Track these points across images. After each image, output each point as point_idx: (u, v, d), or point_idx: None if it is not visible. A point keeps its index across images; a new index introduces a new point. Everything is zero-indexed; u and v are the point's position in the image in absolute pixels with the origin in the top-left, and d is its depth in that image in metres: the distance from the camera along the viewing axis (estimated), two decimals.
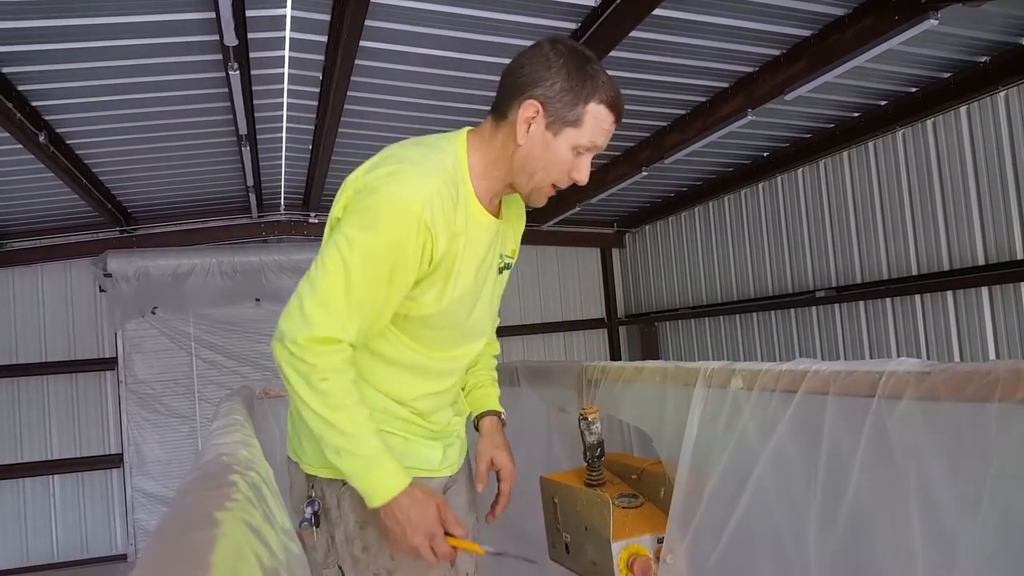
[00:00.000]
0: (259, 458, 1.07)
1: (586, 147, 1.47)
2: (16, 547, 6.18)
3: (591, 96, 1.43)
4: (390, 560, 1.55)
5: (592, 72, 1.43)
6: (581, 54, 1.45)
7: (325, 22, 3.45)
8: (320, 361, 1.38)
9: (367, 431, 1.41)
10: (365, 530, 1.56)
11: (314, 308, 1.38)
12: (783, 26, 3.58)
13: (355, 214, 1.41)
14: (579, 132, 1.45)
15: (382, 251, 1.38)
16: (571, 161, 1.48)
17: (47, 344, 6.39)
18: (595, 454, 1.97)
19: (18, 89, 3.62)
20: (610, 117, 1.46)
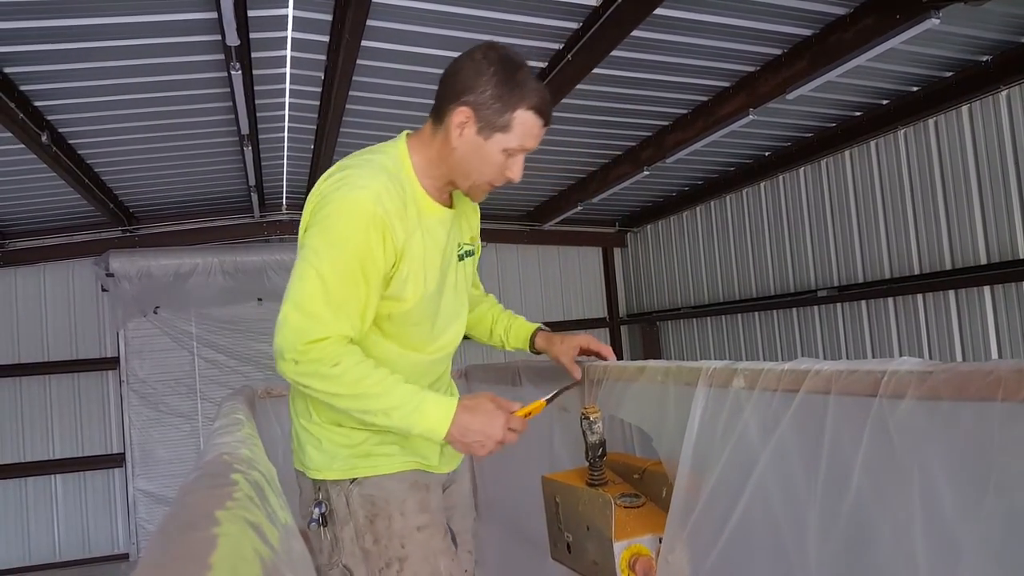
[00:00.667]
0: (261, 457, 1.07)
1: (516, 150, 1.57)
2: (18, 546, 6.19)
3: (519, 103, 1.52)
4: (401, 548, 1.63)
5: (521, 80, 1.52)
6: (512, 61, 1.54)
7: (327, 22, 3.45)
8: (323, 355, 1.45)
9: (394, 383, 1.50)
10: (375, 523, 1.63)
11: (300, 319, 1.46)
12: (785, 25, 3.57)
13: (315, 225, 1.50)
14: (508, 136, 1.54)
15: (349, 253, 1.46)
16: (503, 162, 1.59)
17: (49, 344, 6.40)
18: (597, 454, 1.97)
19: (20, 89, 3.63)
20: (538, 122, 1.56)
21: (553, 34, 3.62)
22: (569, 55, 3.66)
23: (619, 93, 4.36)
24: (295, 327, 1.45)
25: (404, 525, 1.64)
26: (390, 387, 1.49)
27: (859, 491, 1.21)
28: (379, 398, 1.48)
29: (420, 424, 1.50)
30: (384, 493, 1.65)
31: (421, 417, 1.49)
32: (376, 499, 1.65)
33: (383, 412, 1.48)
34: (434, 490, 1.74)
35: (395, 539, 1.63)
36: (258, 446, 1.19)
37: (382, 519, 1.63)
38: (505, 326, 2.02)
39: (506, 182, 1.62)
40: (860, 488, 1.21)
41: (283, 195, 6.53)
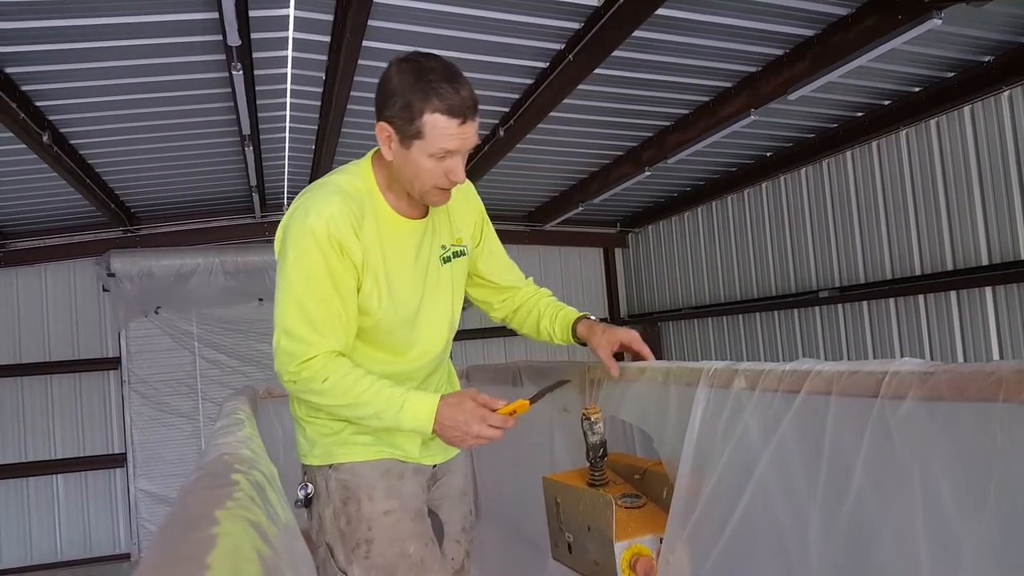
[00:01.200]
0: (262, 457, 1.07)
1: (439, 153, 1.57)
2: (20, 546, 6.20)
3: (424, 108, 1.52)
4: (368, 531, 1.74)
5: (426, 84, 1.51)
6: (420, 67, 1.53)
7: (328, 22, 3.45)
8: (314, 372, 1.60)
9: (380, 388, 1.61)
10: (347, 506, 1.75)
11: (289, 343, 1.61)
12: (786, 26, 3.57)
13: (283, 256, 1.63)
14: (425, 143, 1.55)
15: (316, 275, 1.59)
16: (437, 167, 1.59)
17: (51, 344, 6.41)
18: (598, 454, 1.97)
19: (22, 89, 3.63)
20: (452, 122, 1.53)
21: (554, 34, 3.62)
22: (570, 55, 3.66)
23: (620, 93, 4.36)
24: (286, 351, 1.61)
25: (372, 509, 1.74)
26: (376, 393, 1.61)
27: (860, 492, 1.21)
28: (368, 404, 1.61)
29: (408, 422, 1.61)
30: (356, 478, 1.76)
31: (407, 416, 1.61)
32: (349, 483, 1.76)
33: (375, 416, 1.62)
34: (409, 478, 1.80)
35: (363, 522, 1.74)
36: (259, 446, 1.19)
37: (353, 502, 1.75)
38: (551, 318, 2.01)
39: (451, 185, 1.64)
40: (861, 489, 1.21)
41: (284, 195, 6.53)
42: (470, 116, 1.55)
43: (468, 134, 1.57)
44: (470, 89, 1.56)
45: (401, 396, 1.61)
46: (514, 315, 2.07)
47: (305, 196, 1.66)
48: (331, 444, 1.78)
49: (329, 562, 1.76)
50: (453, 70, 1.55)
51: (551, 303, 2.05)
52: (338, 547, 1.75)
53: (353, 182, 1.66)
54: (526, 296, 2.06)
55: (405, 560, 1.72)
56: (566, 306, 2.04)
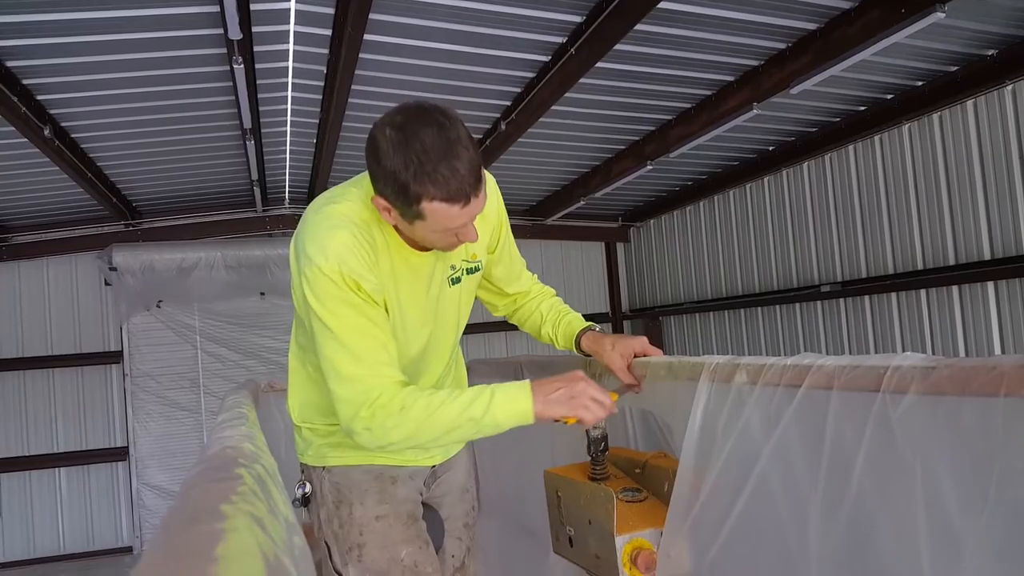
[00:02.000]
0: (264, 451, 1.07)
1: (448, 232, 1.47)
2: (23, 539, 6.22)
3: (421, 196, 1.38)
4: (359, 535, 1.73)
5: (419, 166, 1.35)
6: (411, 143, 1.35)
7: (329, 15, 3.44)
8: (388, 409, 1.47)
9: (467, 400, 1.49)
10: (339, 509, 1.75)
11: (347, 390, 1.50)
12: (789, 19, 3.56)
13: (308, 301, 1.50)
14: (428, 223, 1.44)
15: (345, 312, 1.48)
16: (444, 234, 1.48)
17: (53, 337, 6.42)
18: (599, 448, 1.97)
19: (23, 83, 3.63)
20: (453, 207, 1.40)
21: (557, 27, 3.61)
22: (572, 49, 3.65)
23: (622, 87, 4.35)
24: (347, 400, 1.49)
25: (363, 514, 1.74)
26: (456, 396, 1.50)
27: (861, 486, 1.21)
28: (450, 412, 1.48)
29: (503, 409, 1.49)
30: (348, 482, 1.76)
31: (500, 403, 1.49)
32: (341, 487, 1.76)
33: (466, 420, 1.49)
34: (403, 483, 1.79)
35: (355, 526, 1.73)
36: (261, 440, 1.20)
37: (345, 506, 1.75)
38: (553, 324, 1.95)
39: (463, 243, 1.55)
40: (862, 483, 1.21)
41: (286, 189, 6.52)
42: (473, 193, 1.40)
43: (474, 209, 1.43)
44: (469, 158, 1.38)
45: (489, 400, 1.49)
46: (515, 314, 2.04)
47: (311, 228, 1.53)
48: (324, 447, 1.78)
49: (327, 561, 1.77)
50: (447, 141, 1.36)
51: (554, 306, 1.99)
52: (334, 547, 1.76)
53: (359, 212, 1.53)
54: (529, 297, 2.01)
55: (397, 565, 1.72)
56: (570, 311, 1.98)
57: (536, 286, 2.03)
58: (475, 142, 1.43)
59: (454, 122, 1.40)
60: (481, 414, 1.48)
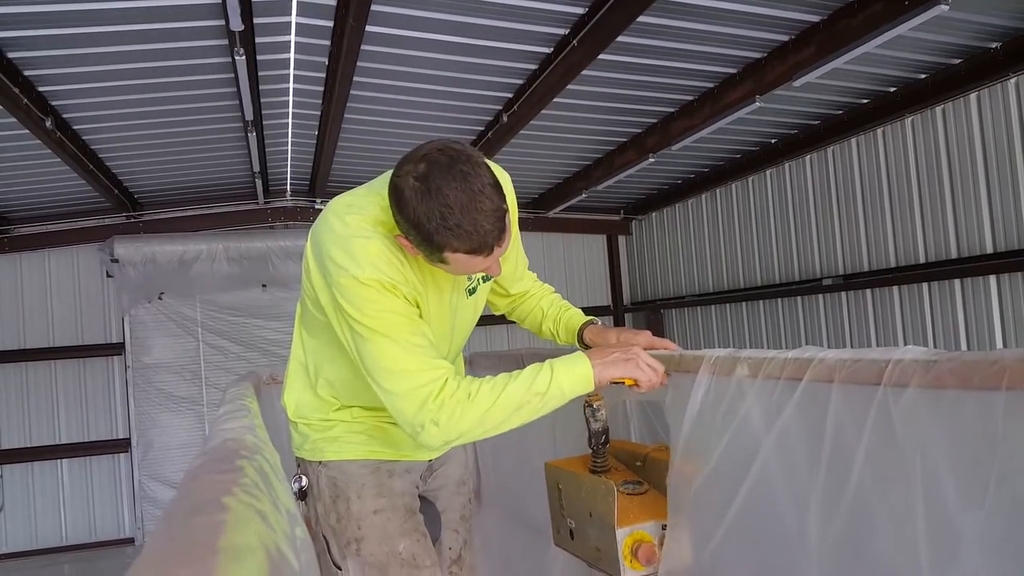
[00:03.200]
0: (266, 443, 1.07)
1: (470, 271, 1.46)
2: (25, 530, 6.25)
3: (444, 247, 1.38)
4: (357, 529, 1.74)
5: (442, 223, 1.34)
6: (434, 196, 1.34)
7: (331, 7, 3.44)
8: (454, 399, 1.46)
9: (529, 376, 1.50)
10: (337, 503, 1.76)
11: (406, 387, 1.46)
12: (792, 11, 3.55)
13: (345, 309, 1.48)
14: (452, 267, 1.44)
15: (388, 312, 1.47)
16: (469, 272, 1.48)
17: (54, 329, 6.43)
18: (600, 441, 1.97)
19: (24, 74, 3.62)
20: (475, 258, 1.40)
21: (558, 19, 3.60)
22: (574, 41, 3.64)
23: (625, 79, 4.33)
24: (409, 395, 1.46)
25: (361, 508, 1.75)
26: (515, 376, 1.50)
27: (861, 479, 1.22)
28: (515, 390, 1.48)
29: (566, 376, 1.51)
30: (345, 477, 1.76)
31: (562, 372, 1.51)
32: (338, 481, 1.77)
33: (533, 394, 1.49)
34: (400, 476, 1.80)
35: (352, 520, 1.75)
36: (263, 432, 1.20)
37: (342, 501, 1.76)
38: (555, 319, 1.96)
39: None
40: (862, 476, 1.21)
41: (287, 181, 6.52)
42: (497, 243, 1.40)
43: (497, 254, 1.44)
44: (493, 209, 1.37)
45: (549, 374, 1.50)
46: (515, 311, 2.05)
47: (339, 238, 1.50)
48: (321, 441, 1.79)
49: (325, 554, 1.78)
50: (471, 194, 1.35)
51: (554, 302, 2.00)
52: (332, 542, 1.77)
53: (385, 222, 1.51)
54: (530, 295, 2.02)
55: (396, 558, 1.73)
56: (571, 307, 1.99)
57: (536, 284, 2.04)
58: (499, 186, 1.41)
59: (478, 169, 1.38)
60: (546, 387, 1.49)
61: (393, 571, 1.72)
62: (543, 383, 1.49)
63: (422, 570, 1.74)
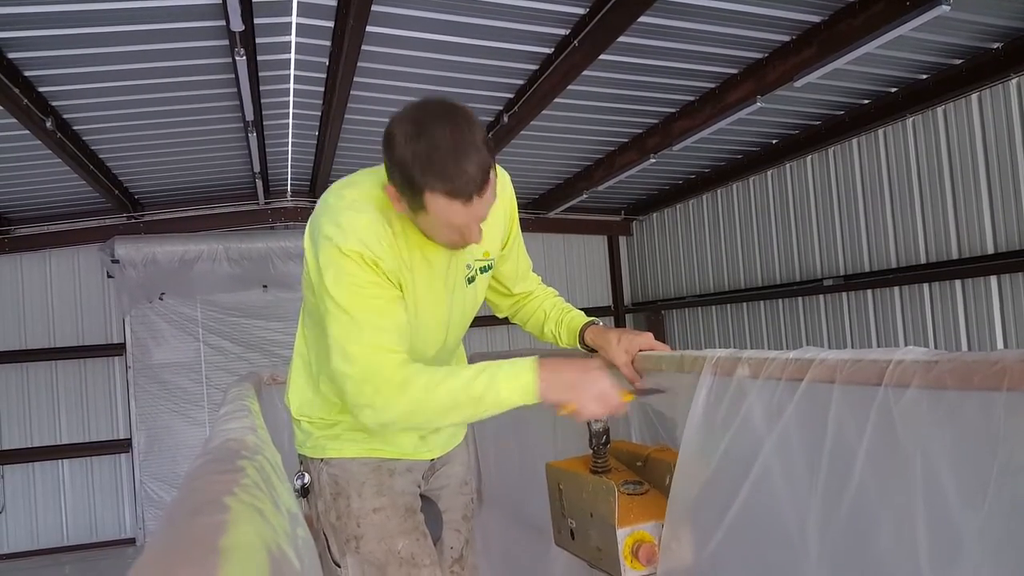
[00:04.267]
0: (267, 443, 1.07)
1: (449, 227, 1.45)
2: (26, 530, 6.25)
3: (424, 187, 1.37)
4: (356, 527, 1.74)
5: (427, 159, 1.35)
6: (424, 135, 1.36)
7: (331, 7, 3.44)
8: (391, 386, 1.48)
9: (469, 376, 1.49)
10: (337, 501, 1.76)
11: (352, 367, 1.49)
12: (793, 12, 3.55)
13: (323, 278, 1.50)
14: (430, 216, 1.43)
15: (360, 289, 1.49)
16: (449, 230, 1.47)
17: (55, 330, 6.43)
18: (601, 441, 1.97)
19: (25, 75, 3.63)
20: (453, 203, 1.39)
21: (559, 19, 3.60)
22: (575, 41, 3.64)
23: (625, 80, 4.33)
24: (352, 377, 1.49)
25: (360, 506, 1.74)
26: (457, 371, 1.50)
27: (862, 480, 1.21)
28: (454, 387, 1.48)
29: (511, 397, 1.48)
30: (346, 475, 1.76)
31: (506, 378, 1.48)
32: (339, 479, 1.76)
33: (469, 399, 1.48)
34: (400, 475, 1.79)
35: (352, 518, 1.74)
36: (264, 433, 1.20)
37: (343, 498, 1.75)
38: (556, 321, 1.94)
39: (467, 243, 1.53)
40: (863, 477, 1.21)
41: (288, 182, 6.52)
42: (476, 193, 1.39)
43: (476, 209, 1.42)
44: (480, 160, 1.37)
45: (495, 373, 1.48)
46: (518, 313, 2.03)
47: (331, 209, 1.54)
48: (323, 438, 1.79)
49: (326, 552, 1.78)
50: (460, 140, 1.36)
51: (556, 304, 1.98)
52: (332, 539, 1.77)
53: (379, 197, 1.54)
54: (532, 296, 2.00)
55: (395, 557, 1.73)
56: (573, 309, 1.97)
57: (540, 287, 2.03)
58: (491, 147, 1.42)
59: (472, 124, 1.39)
60: (482, 391, 1.46)
61: (392, 570, 1.72)
62: (480, 387, 1.47)
63: (421, 569, 1.74)
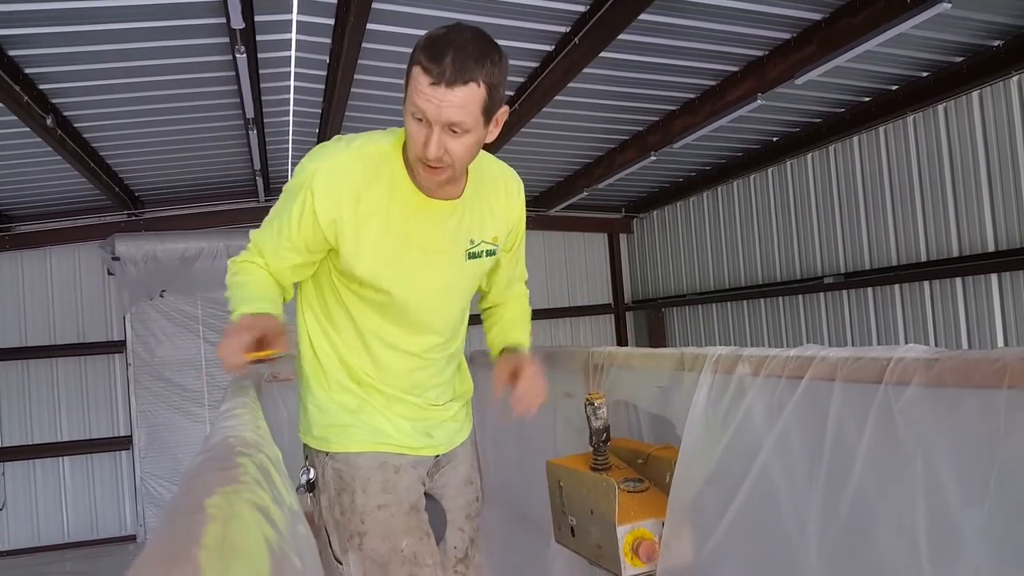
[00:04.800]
0: (267, 440, 1.07)
1: (418, 113, 1.49)
2: (27, 528, 6.26)
3: (412, 58, 1.47)
4: (360, 524, 1.72)
5: (432, 38, 1.46)
6: (452, 26, 1.49)
7: (332, 4, 3.43)
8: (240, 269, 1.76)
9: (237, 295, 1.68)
10: (341, 496, 1.74)
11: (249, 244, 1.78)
12: (794, 9, 3.54)
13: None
14: (408, 95, 1.50)
15: (284, 208, 1.67)
16: (418, 131, 1.51)
17: (56, 327, 6.43)
18: (601, 439, 1.97)
19: (25, 72, 3.62)
20: (424, 78, 1.44)
21: (560, 17, 3.60)
22: (576, 39, 3.64)
23: (626, 77, 4.33)
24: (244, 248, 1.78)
25: (365, 503, 1.73)
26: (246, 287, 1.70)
27: (863, 477, 1.22)
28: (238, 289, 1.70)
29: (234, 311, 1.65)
30: (351, 470, 1.74)
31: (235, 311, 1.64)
32: (344, 474, 1.75)
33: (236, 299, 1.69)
34: (405, 472, 1.78)
35: (356, 515, 1.72)
36: (264, 430, 1.20)
37: (347, 494, 1.74)
38: (493, 335, 2.01)
39: (424, 159, 1.52)
40: (864, 474, 1.21)
41: (288, 179, 6.51)
42: (446, 81, 1.42)
43: (440, 100, 1.43)
44: (462, 62, 1.42)
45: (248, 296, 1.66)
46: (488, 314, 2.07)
47: (326, 145, 1.68)
48: (328, 430, 1.77)
49: (327, 549, 1.77)
50: (462, 39, 1.45)
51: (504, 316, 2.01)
52: (334, 535, 1.76)
53: (380, 145, 1.63)
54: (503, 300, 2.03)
55: (397, 555, 1.71)
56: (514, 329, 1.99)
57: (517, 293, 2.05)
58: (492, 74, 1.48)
59: (481, 41, 1.48)
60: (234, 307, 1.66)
61: (394, 568, 1.71)
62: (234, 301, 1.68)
63: (423, 568, 1.73)
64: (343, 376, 1.77)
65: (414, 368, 1.80)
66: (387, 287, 1.68)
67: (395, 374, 1.78)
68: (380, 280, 1.67)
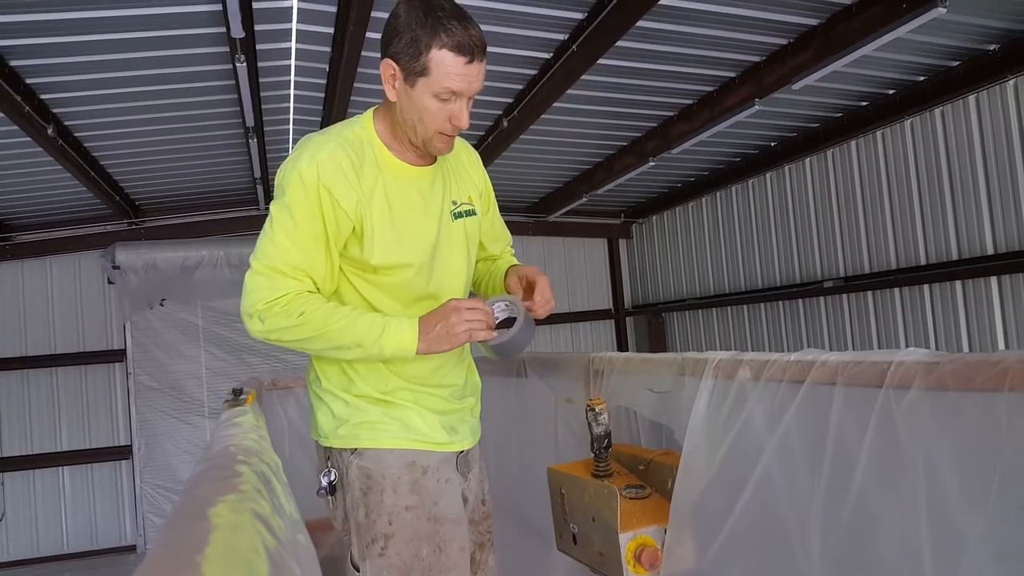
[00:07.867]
0: (267, 449, 1.07)
1: (444, 93, 1.51)
2: (27, 538, 6.24)
3: (431, 43, 1.46)
4: (388, 525, 1.64)
5: (435, 19, 1.46)
6: (430, 3, 1.48)
7: (332, 14, 3.44)
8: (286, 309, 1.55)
9: (360, 314, 1.58)
10: (367, 496, 1.65)
11: (261, 281, 1.57)
12: (791, 15, 3.55)
13: (274, 198, 1.61)
14: (430, 80, 1.50)
15: (302, 219, 1.55)
16: (441, 108, 1.53)
17: (56, 336, 6.43)
18: (602, 445, 1.97)
19: (26, 82, 3.63)
20: (457, 60, 1.47)
21: (558, 24, 3.61)
22: (574, 46, 3.65)
23: (624, 84, 4.34)
24: (257, 288, 1.57)
25: (395, 503, 1.65)
26: (355, 319, 1.56)
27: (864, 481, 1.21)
28: (345, 331, 1.55)
29: (390, 344, 1.56)
30: (380, 468, 1.66)
31: (390, 337, 1.56)
32: (372, 472, 1.66)
33: (355, 344, 1.56)
34: (432, 474, 1.70)
35: (384, 516, 1.64)
36: (265, 438, 1.20)
37: (374, 493, 1.65)
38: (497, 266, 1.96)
39: (455, 130, 1.57)
40: (865, 478, 1.21)
41: None
42: (478, 56, 1.50)
43: (474, 75, 1.51)
44: (480, 30, 1.51)
45: (382, 319, 1.57)
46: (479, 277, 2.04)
47: (301, 145, 1.63)
48: (356, 428, 1.69)
49: (345, 555, 1.70)
50: (463, 10, 1.51)
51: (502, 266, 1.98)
52: (354, 540, 1.67)
53: (353, 130, 1.64)
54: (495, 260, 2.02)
55: (419, 563, 1.63)
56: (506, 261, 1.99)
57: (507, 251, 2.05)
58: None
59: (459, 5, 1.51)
60: (371, 343, 1.55)
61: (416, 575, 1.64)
62: (370, 341, 1.55)
63: None
64: (367, 373, 1.71)
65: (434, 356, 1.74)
66: (407, 258, 1.65)
67: (417, 364, 1.71)
68: (398, 252, 1.64)
